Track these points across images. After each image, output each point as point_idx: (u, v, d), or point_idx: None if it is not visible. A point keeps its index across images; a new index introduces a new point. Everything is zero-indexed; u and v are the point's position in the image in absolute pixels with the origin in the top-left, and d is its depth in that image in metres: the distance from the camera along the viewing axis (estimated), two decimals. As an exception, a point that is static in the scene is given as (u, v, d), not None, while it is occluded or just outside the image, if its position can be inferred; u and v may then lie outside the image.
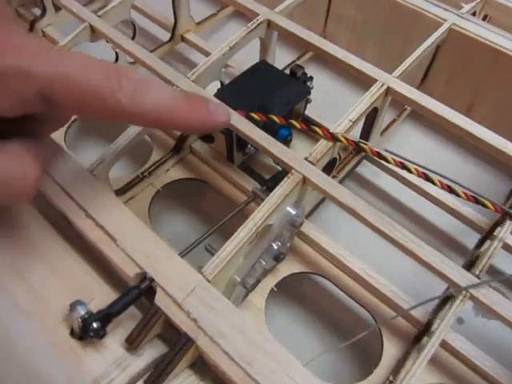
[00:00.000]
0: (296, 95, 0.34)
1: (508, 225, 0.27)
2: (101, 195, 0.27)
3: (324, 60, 0.46)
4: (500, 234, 0.26)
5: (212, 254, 0.30)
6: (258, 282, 0.31)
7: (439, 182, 0.27)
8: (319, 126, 0.29)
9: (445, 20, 0.35)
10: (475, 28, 0.35)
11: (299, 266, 0.32)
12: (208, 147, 0.36)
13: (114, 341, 0.24)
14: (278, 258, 0.30)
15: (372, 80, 0.31)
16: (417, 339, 0.29)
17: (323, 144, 0.29)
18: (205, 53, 0.44)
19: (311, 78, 0.35)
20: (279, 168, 0.35)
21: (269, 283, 0.31)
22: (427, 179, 0.27)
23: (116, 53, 0.40)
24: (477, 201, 0.27)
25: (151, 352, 0.24)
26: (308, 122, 0.36)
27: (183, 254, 0.29)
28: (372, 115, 0.32)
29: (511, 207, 0.36)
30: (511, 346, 0.31)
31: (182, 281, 0.24)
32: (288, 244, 0.31)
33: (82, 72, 0.20)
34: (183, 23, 0.44)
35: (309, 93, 0.35)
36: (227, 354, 0.22)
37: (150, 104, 0.21)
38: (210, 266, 0.25)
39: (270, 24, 0.35)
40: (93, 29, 0.36)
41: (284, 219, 0.28)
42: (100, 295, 0.25)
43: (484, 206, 0.27)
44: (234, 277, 0.28)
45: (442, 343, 0.24)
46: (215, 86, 0.34)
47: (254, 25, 0.34)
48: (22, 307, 0.25)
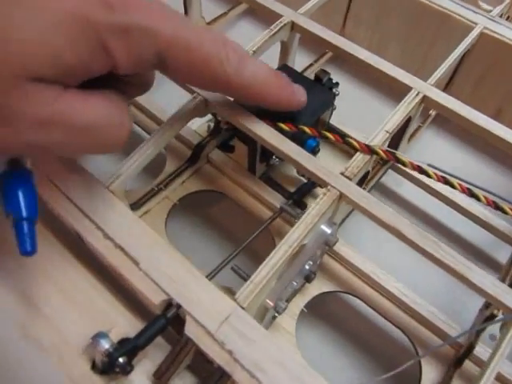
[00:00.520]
0: (323, 103, 0.32)
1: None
2: (119, 213, 0.25)
3: (342, 61, 0.44)
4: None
5: (239, 275, 0.28)
6: (288, 303, 0.29)
7: (484, 198, 0.25)
8: (353, 139, 0.27)
9: (475, 23, 0.33)
10: (507, 32, 0.33)
11: (329, 285, 0.30)
12: (227, 157, 0.34)
13: (140, 374, 0.22)
14: (309, 278, 0.28)
15: (405, 87, 0.29)
16: (458, 362, 0.27)
17: (360, 158, 0.27)
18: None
19: (337, 84, 0.33)
20: (303, 179, 0.33)
21: (298, 303, 0.29)
22: (472, 195, 0.26)
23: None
24: (496, 206, 0.26)
25: (181, 385, 0.22)
26: (335, 132, 0.34)
27: (211, 277, 0.27)
28: (404, 124, 0.30)
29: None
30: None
31: (214, 308, 0.22)
32: (318, 262, 0.29)
33: (197, 39, 0.21)
34: (194, 22, 0.41)
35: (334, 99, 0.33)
36: (269, 391, 0.20)
37: (251, 77, 0.23)
38: (244, 292, 0.23)
39: (294, 26, 0.33)
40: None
41: (319, 239, 0.26)
42: (121, 323, 0.24)
43: (503, 212, 0.25)
44: (267, 302, 0.26)
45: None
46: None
47: (278, 27, 0.32)
48: (36, 340, 0.23)
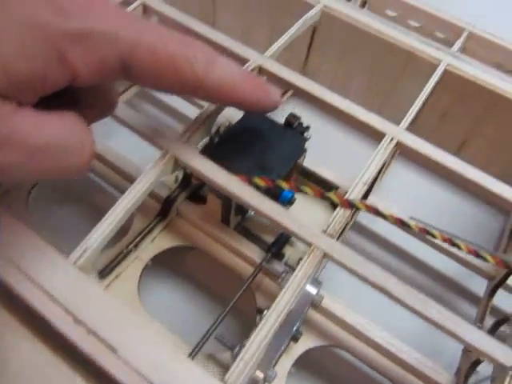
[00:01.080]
0: (295, 149, 0.30)
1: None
2: (91, 293, 0.23)
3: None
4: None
5: (224, 345, 0.27)
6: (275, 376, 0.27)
7: (465, 247, 0.25)
8: (334, 193, 0.26)
9: (439, 60, 0.34)
10: (470, 69, 0.34)
11: (315, 340, 0.29)
12: (198, 208, 0.32)
13: None
14: (296, 338, 0.27)
15: (378, 133, 0.29)
16: (448, 411, 0.27)
17: (341, 213, 0.26)
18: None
19: (307, 128, 0.32)
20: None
21: (285, 364, 0.28)
22: (453, 244, 0.26)
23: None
24: (478, 255, 0.26)
25: None
26: (309, 175, 0.34)
27: (194, 354, 0.25)
28: (380, 170, 0.30)
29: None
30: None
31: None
32: (301, 323, 0.28)
33: (162, 40, 0.20)
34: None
35: (305, 144, 0.32)
36: None
37: (223, 76, 0.22)
38: (234, 373, 0.22)
39: (261, 70, 0.32)
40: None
41: (304, 300, 0.25)
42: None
43: (485, 260, 0.26)
44: (257, 374, 0.24)
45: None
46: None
47: (244, 72, 0.31)
48: None
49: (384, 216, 0.26)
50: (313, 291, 0.25)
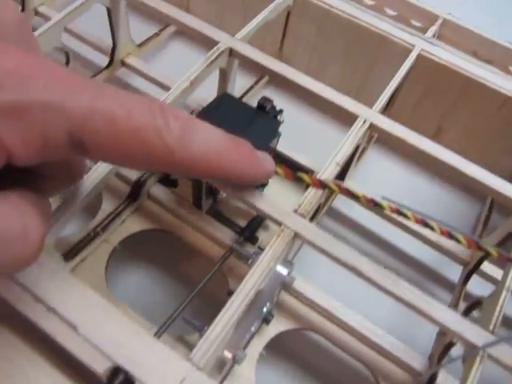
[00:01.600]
0: (269, 132, 0.30)
1: (513, 270, 0.25)
2: (49, 271, 0.22)
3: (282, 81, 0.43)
4: (507, 283, 0.25)
5: (192, 326, 0.26)
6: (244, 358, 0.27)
7: (439, 229, 0.25)
8: (305, 174, 0.26)
9: (413, 45, 0.34)
10: (444, 54, 0.34)
11: (287, 323, 0.29)
12: (169, 192, 0.32)
13: None
14: (268, 320, 0.26)
15: (351, 116, 0.29)
16: (420, 395, 0.27)
17: (312, 193, 0.26)
18: (148, 78, 0.39)
19: (281, 112, 0.31)
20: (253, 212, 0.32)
21: (256, 347, 0.28)
22: (426, 225, 0.25)
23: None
24: (451, 236, 0.25)
25: None
26: (283, 160, 0.33)
27: (160, 334, 0.24)
28: (353, 152, 0.29)
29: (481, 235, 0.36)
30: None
31: (167, 372, 0.20)
32: (274, 301, 0.28)
33: (124, 108, 0.17)
34: (123, 46, 0.38)
35: (279, 127, 0.31)
36: None
37: (202, 147, 0.18)
38: (199, 351, 0.21)
39: (232, 52, 0.31)
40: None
41: (275, 281, 0.25)
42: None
43: (458, 242, 0.25)
44: (226, 354, 0.24)
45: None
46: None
47: (215, 54, 0.30)
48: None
49: (356, 197, 0.25)
50: (283, 272, 0.25)
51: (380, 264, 0.24)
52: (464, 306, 0.30)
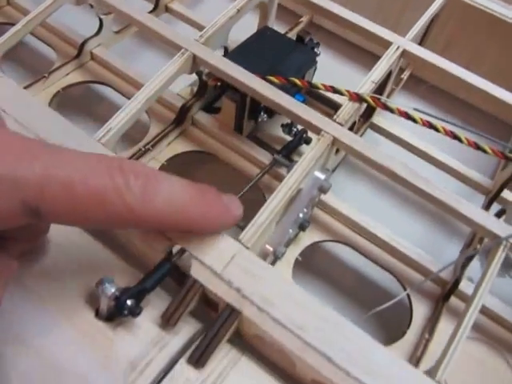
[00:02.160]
0: (306, 61, 0.32)
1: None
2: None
3: (316, 30, 0.45)
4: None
5: (237, 225, 0.28)
6: (284, 254, 0.29)
7: (466, 140, 0.27)
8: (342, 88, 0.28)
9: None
10: (472, -6, 0.35)
11: (321, 235, 0.31)
12: (212, 118, 0.34)
13: (146, 319, 0.22)
14: (304, 227, 0.29)
15: (385, 43, 0.31)
16: (445, 298, 0.29)
17: (349, 105, 0.28)
18: (191, 23, 0.41)
19: (318, 44, 0.34)
20: (288, 138, 0.34)
21: (293, 253, 0.30)
22: (454, 137, 0.27)
23: (100, 20, 0.36)
24: (477, 147, 0.27)
25: (188, 329, 0.22)
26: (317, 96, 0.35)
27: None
28: (385, 79, 0.31)
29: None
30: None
31: (219, 250, 0.22)
32: (310, 213, 0.30)
33: (81, 171, 0.17)
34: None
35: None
36: (278, 322, 0.21)
37: (164, 203, 0.18)
38: (248, 233, 0.24)
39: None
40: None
41: (314, 184, 0.27)
42: (121, 274, 0.23)
43: (484, 152, 0.27)
44: (266, 247, 0.26)
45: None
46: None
47: (258, -12, 0.33)
48: (35, 292, 0.22)
49: (390, 109, 0.28)
50: (321, 176, 0.27)
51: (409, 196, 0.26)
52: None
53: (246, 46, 0.32)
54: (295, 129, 0.33)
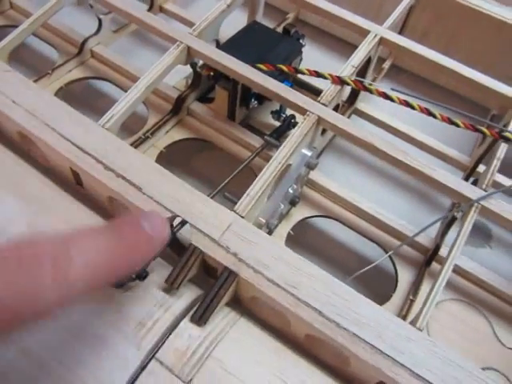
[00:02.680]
0: (292, 52, 0.35)
1: (503, 146, 0.30)
2: (116, 147, 0.27)
3: (301, 26, 0.48)
4: (498, 153, 0.29)
5: (231, 201, 0.30)
6: (276, 227, 0.31)
7: (440, 116, 0.30)
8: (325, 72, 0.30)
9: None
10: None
11: (311, 211, 0.33)
12: (206, 108, 0.36)
13: (151, 285, 0.24)
14: (294, 202, 0.31)
15: (364, 31, 0.33)
16: (427, 264, 0.31)
17: (332, 88, 0.30)
18: (184, 21, 0.44)
19: (303, 36, 0.36)
20: (277, 123, 0.36)
21: (285, 228, 0.32)
22: (429, 114, 0.30)
23: (99, 20, 0.39)
24: (451, 121, 0.30)
25: (189, 293, 0.24)
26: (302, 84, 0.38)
27: (211, 197, 0.29)
28: (365, 65, 0.34)
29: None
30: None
31: (216, 219, 0.25)
32: (300, 190, 0.32)
33: None
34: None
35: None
36: (272, 282, 0.23)
37: (84, 273, 0.16)
38: (242, 204, 0.26)
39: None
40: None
41: (301, 160, 0.29)
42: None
43: (457, 126, 0.30)
44: (259, 219, 0.28)
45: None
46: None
47: (246, -16, 0.35)
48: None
49: (370, 90, 0.30)
50: (308, 153, 0.29)
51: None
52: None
53: (237, 39, 0.35)
54: (284, 115, 0.35)
